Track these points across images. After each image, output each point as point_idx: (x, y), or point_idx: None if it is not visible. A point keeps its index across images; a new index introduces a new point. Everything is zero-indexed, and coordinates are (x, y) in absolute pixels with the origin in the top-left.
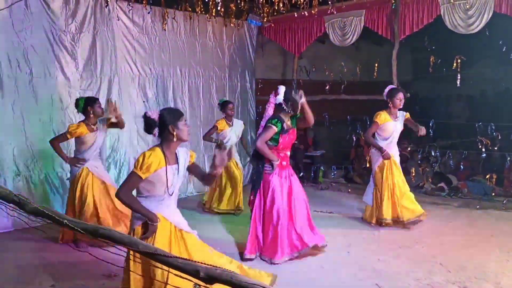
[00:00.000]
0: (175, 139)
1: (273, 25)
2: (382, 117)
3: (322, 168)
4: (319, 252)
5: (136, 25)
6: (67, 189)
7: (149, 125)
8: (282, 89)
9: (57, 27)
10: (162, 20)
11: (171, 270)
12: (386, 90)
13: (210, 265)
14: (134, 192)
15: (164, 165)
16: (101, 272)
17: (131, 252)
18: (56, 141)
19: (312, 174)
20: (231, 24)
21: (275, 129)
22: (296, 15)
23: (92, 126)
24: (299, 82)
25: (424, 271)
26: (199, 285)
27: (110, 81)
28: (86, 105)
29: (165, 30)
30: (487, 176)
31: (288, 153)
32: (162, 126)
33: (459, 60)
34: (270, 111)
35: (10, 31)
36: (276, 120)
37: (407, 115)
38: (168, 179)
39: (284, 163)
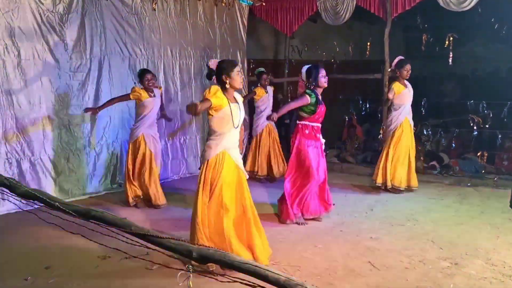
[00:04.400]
0: (227, 86)
1: (264, 4)
2: (397, 87)
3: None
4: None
5: (125, 5)
6: (59, 172)
7: (208, 73)
8: (303, 70)
9: (45, 7)
10: (151, 0)
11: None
12: (395, 60)
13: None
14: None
15: (227, 104)
16: (95, 254)
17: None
18: (116, 98)
19: None
20: (222, 4)
21: (308, 98)
22: None
23: (150, 93)
24: (291, 62)
25: (416, 248)
26: (192, 266)
27: (100, 63)
28: (138, 76)
29: (154, 10)
30: (478, 154)
31: (320, 126)
32: (218, 75)
33: (451, 38)
34: (300, 91)
35: None
36: (310, 91)
37: None
38: (232, 114)
39: (318, 135)
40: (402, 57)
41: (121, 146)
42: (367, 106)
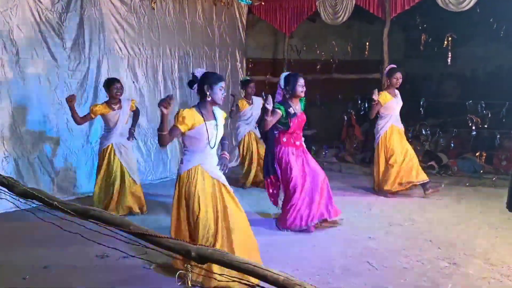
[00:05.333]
0: (208, 99)
1: (263, 3)
2: (384, 96)
3: (313, 147)
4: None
5: (124, 4)
6: (57, 171)
7: (192, 81)
8: (282, 76)
9: (43, 6)
10: None
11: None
12: (386, 69)
13: (206, 246)
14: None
15: (203, 122)
16: (93, 253)
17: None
18: (79, 117)
19: None
20: (221, 3)
21: (279, 113)
22: None
23: (113, 106)
24: (289, 62)
25: (414, 248)
26: (191, 265)
27: (99, 62)
28: (105, 85)
29: (153, 9)
30: (477, 154)
31: (301, 133)
32: (200, 85)
33: (450, 38)
34: (278, 98)
35: None
36: (279, 104)
37: None
38: (208, 133)
39: (297, 143)
40: (394, 66)
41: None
42: (366, 106)
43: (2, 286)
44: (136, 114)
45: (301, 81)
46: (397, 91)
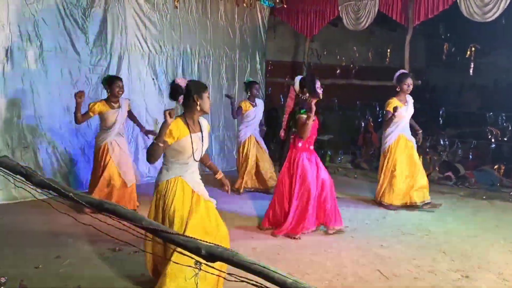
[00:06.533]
0: (198, 108)
1: (285, 6)
2: (393, 103)
3: (329, 152)
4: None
5: (148, 2)
6: (73, 163)
7: (175, 91)
8: (296, 79)
9: (68, 1)
10: None
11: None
12: (396, 74)
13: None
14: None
15: (188, 134)
16: (106, 246)
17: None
18: (80, 114)
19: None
20: (244, 4)
21: (304, 118)
22: None
23: (113, 104)
24: (309, 65)
25: (426, 258)
26: (200, 263)
27: (120, 58)
28: (106, 83)
29: (176, 8)
30: (495, 167)
31: (314, 138)
32: (188, 94)
33: (473, 49)
34: (290, 103)
35: (21, 3)
36: (303, 110)
37: None
38: (193, 145)
39: (311, 147)
40: (404, 71)
41: (136, 140)
42: (384, 113)
43: (15, 274)
44: (132, 114)
45: (318, 83)
46: (409, 98)
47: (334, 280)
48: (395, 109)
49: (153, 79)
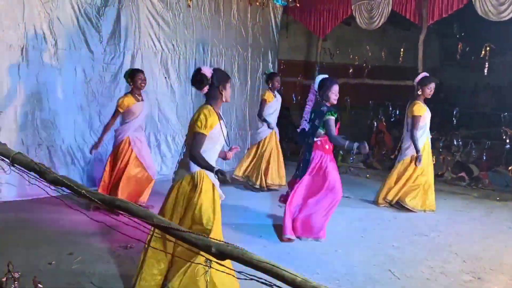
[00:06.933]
0: (224, 99)
1: (298, 5)
2: (421, 108)
3: (341, 152)
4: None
5: (161, 1)
6: (87, 160)
7: (201, 81)
8: (317, 79)
9: (83, 0)
10: None
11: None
12: (419, 77)
13: (218, 240)
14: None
15: (218, 122)
16: (117, 243)
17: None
18: (109, 122)
19: None
20: (256, 3)
21: (333, 119)
22: None
23: (138, 96)
24: (322, 65)
25: (438, 259)
26: (210, 261)
27: (133, 56)
28: (129, 76)
29: (189, 6)
30: (510, 168)
31: None
32: (213, 85)
33: (488, 48)
34: (310, 100)
35: (37, 2)
36: (334, 112)
37: None
38: (223, 132)
39: (327, 146)
40: (427, 74)
41: (149, 139)
42: (397, 112)
43: (28, 270)
44: None
45: (335, 88)
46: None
47: (344, 280)
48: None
49: (165, 77)
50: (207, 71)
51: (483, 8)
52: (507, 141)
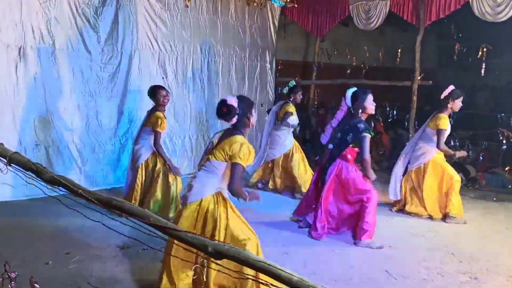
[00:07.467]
0: (251, 126)
1: (296, 6)
2: (447, 122)
3: None
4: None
5: (159, 1)
6: (84, 161)
7: (229, 112)
8: (349, 93)
9: (81, 0)
10: None
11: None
12: (448, 90)
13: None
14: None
15: None
16: (115, 243)
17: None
18: (159, 145)
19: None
20: (254, 4)
21: (369, 137)
22: None
23: (164, 113)
24: (320, 65)
25: (435, 260)
26: (206, 260)
27: (131, 56)
28: (151, 94)
29: (187, 7)
30: (507, 169)
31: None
32: (241, 114)
33: (485, 49)
34: (340, 114)
35: (34, 2)
36: (368, 130)
37: None
38: None
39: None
40: (453, 87)
41: None
42: (394, 113)
43: (25, 270)
44: None
45: (371, 98)
46: None
47: (341, 280)
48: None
49: (163, 78)
50: (234, 102)
51: (480, 9)
52: (504, 142)
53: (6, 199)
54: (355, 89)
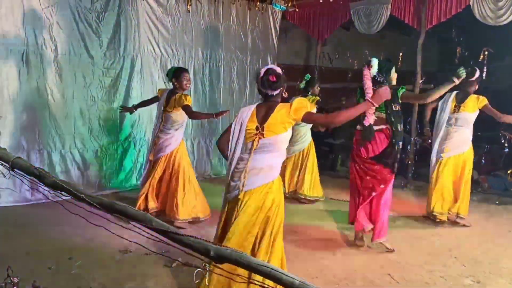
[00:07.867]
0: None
1: (297, 10)
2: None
3: (340, 156)
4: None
5: (160, 6)
6: (87, 166)
7: (278, 80)
8: (375, 61)
9: (83, 4)
10: (186, 1)
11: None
12: (477, 74)
13: (222, 245)
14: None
15: None
16: (117, 248)
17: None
18: (197, 113)
19: (330, 162)
20: (255, 8)
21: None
22: (321, 0)
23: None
24: (321, 69)
25: (438, 263)
26: (208, 264)
27: (133, 61)
28: (173, 75)
29: (189, 11)
30: (509, 172)
31: None
32: (281, 85)
33: (486, 53)
34: (369, 83)
35: (37, 7)
36: (401, 87)
37: None
38: None
39: None
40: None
41: (147, 144)
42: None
43: (28, 274)
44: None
45: (394, 71)
46: None
47: (343, 284)
48: None
49: (164, 82)
50: (279, 70)
51: (481, 12)
52: (506, 145)
53: (8, 204)
54: (377, 59)
